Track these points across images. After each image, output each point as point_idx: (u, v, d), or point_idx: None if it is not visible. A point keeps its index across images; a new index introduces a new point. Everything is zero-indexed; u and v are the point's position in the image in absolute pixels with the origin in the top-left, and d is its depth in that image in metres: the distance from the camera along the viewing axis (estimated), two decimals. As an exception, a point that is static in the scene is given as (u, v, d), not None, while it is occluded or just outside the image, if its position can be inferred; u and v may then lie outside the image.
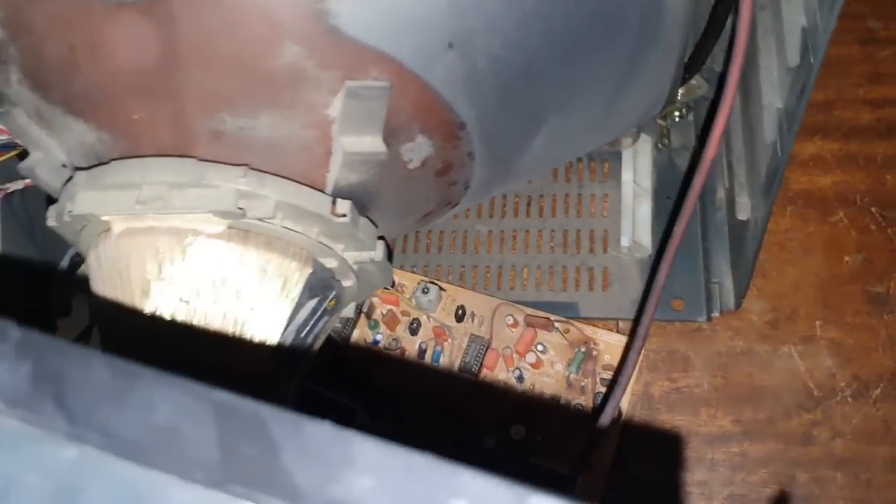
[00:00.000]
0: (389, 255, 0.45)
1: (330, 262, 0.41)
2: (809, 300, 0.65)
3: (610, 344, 0.63)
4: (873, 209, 0.68)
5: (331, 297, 0.42)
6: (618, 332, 0.64)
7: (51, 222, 0.42)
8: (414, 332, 0.65)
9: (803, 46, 0.41)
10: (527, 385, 0.62)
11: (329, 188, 0.40)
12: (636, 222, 0.67)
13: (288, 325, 0.40)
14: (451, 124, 0.41)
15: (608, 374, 0.62)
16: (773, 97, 0.46)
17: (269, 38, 0.36)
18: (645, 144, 0.69)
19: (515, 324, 0.64)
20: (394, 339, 0.65)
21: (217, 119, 0.38)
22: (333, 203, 0.39)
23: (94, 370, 0.20)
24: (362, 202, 0.41)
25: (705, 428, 0.63)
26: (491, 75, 0.40)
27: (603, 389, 0.61)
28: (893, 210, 0.68)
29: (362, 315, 0.65)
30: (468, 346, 0.64)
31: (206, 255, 0.38)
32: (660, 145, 0.70)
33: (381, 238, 0.43)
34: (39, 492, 0.19)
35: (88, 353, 0.21)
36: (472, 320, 0.65)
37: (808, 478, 0.60)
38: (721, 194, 0.66)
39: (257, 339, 0.39)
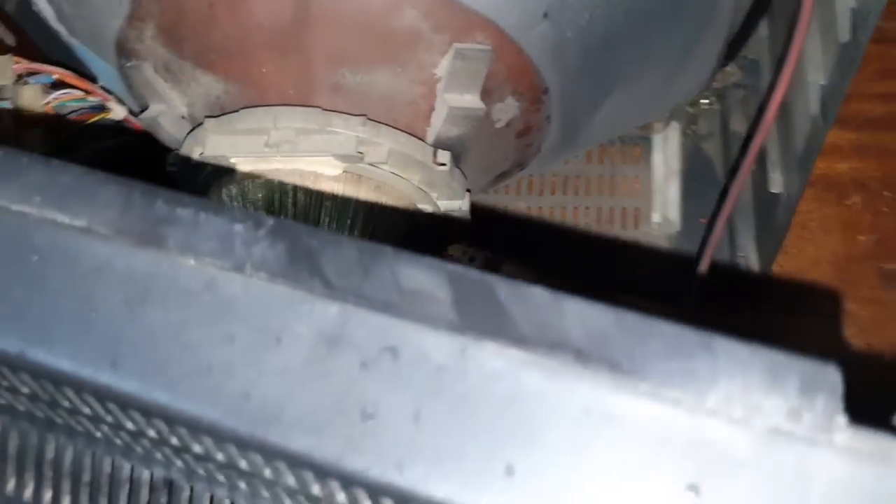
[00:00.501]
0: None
1: (427, 208, 0.45)
2: (827, 276, 0.70)
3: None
4: (885, 193, 0.73)
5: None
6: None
7: (170, 168, 0.46)
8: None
9: (853, 25, 0.45)
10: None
11: (430, 140, 0.44)
12: (666, 201, 0.72)
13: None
14: (538, 88, 0.46)
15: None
16: (816, 75, 0.51)
17: (391, 1, 0.41)
18: (674, 130, 0.74)
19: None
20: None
21: (339, 73, 0.42)
22: (436, 152, 0.44)
23: (343, 247, 0.24)
24: (457, 155, 0.45)
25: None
26: (576, 45, 0.45)
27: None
28: (903, 195, 0.73)
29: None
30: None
31: (324, 197, 0.42)
32: (688, 131, 0.75)
33: (467, 190, 0.48)
34: (307, 339, 0.23)
35: (336, 236, 0.24)
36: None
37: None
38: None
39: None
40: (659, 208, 0.72)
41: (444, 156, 0.44)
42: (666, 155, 0.74)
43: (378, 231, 0.43)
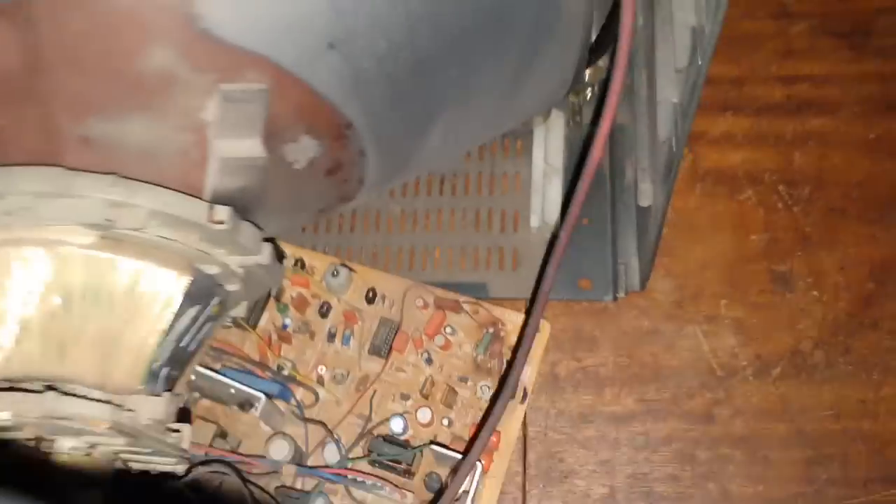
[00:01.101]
0: (279, 255, 0.44)
1: (211, 269, 0.40)
2: (715, 279, 0.66)
3: (517, 325, 0.63)
4: (780, 188, 0.69)
5: (213, 303, 0.41)
6: (526, 313, 0.64)
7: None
8: (324, 315, 0.65)
9: (693, 47, 0.40)
10: (435, 367, 0.62)
11: (208, 193, 0.39)
12: (545, 202, 0.67)
13: (166, 336, 0.39)
14: (338, 125, 0.40)
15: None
16: (669, 91, 0.46)
17: (136, 41, 0.35)
18: (557, 121, 0.69)
19: (425, 306, 0.64)
20: (303, 323, 0.64)
21: (85, 125, 0.36)
22: (211, 209, 0.38)
23: None
24: (244, 206, 0.40)
25: (610, 407, 0.64)
26: (378, 75, 0.40)
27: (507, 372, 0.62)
28: (799, 188, 0.69)
29: (271, 298, 0.64)
30: (378, 328, 0.64)
31: (76, 267, 0.37)
32: (572, 122, 0.69)
33: (268, 239, 0.43)
34: None
35: None
36: (383, 302, 0.65)
37: (708, 456, 0.62)
38: (630, 176, 0.66)
39: (133, 352, 0.38)
40: (537, 210, 0.67)
41: (222, 212, 0.38)
42: (547, 149, 0.68)
43: (142, 310, 0.38)
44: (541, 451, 0.64)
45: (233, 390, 0.59)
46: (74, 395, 0.39)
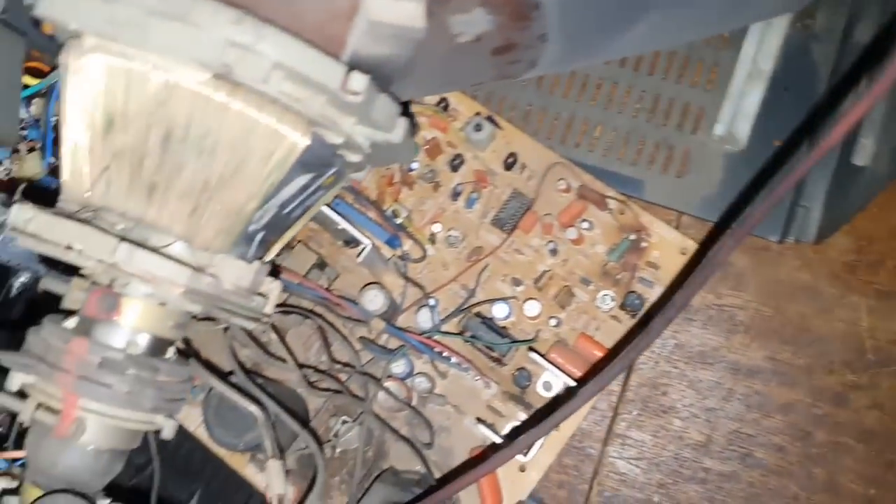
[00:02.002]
0: (413, 131, 0.37)
1: (334, 138, 0.34)
2: (905, 253, 0.56)
3: (664, 239, 0.56)
4: None
5: (329, 173, 0.35)
6: (678, 227, 0.57)
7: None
8: (455, 168, 0.59)
9: None
10: (558, 260, 0.56)
11: (347, 55, 0.32)
12: (739, 109, 0.57)
13: (269, 200, 0.34)
14: (523, 3, 0.32)
15: (649, 273, 0.55)
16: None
17: None
18: (781, 18, 0.57)
19: (567, 189, 0.57)
20: (431, 171, 0.59)
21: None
22: (347, 75, 0.31)
23: None
24: (387, 75, 0.33)
25: (735, 355, 0.57)
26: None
27: (637, 289, 0.55)
28: None
29: (405, 134, 0.58)
30: (508, 200, 0.58)
31: (182, 103, 0.31)
32: (800, 24, 0.58)
33: (405, 114, 0.36)
34: None
35: None
36: (522, 172, 0.58)
37: (825, 439, 0.56)
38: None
39: (228, 210, 0.33)
40: (726, 117, 0.57)
41: (359, 82, 0.31)
42: (760, 48, 0.57)
43: (246, 168, 0.33)
44: (646, 378, 0.58)
45: (340, 226, 0.55)
46: (151, 248, 0.35)
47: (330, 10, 0.31)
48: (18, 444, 0.44)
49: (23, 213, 0.36)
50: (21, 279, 0.61)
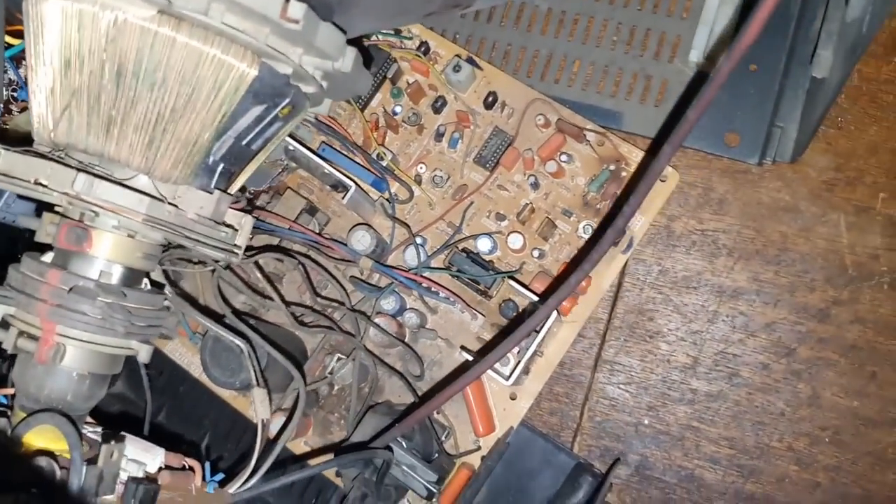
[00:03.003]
0: (366, 61, 0.39)
1: (282, 68, 0.36)
2: (881, 168, 0.57)
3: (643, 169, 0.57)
4: None
5: (283, 104, 0.37)
6: (650, 151, 0.58)
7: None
8: (437, 110, 0.60)
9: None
10: (540, 193, 0.58)
11: (287, -13, 0.34)
12: (713, 34, 0.58)
13: (225, 132, 0.36)
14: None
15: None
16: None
17: None
18: (752, -59, 0.57)
19: (546, 124, 0.58)
20: (414, 114, 0.60)
21: None
22: (286, 4, 0.33)
23: None
24: (327, 3, 0.35)
25: (719, 278, 0.59)
26: None
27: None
28: None
29: (386, 80, 0.60)
30: (490, 138, 0.60)
31: (131, 39, 0.33)
32: (770, -54, 0.58)
33: (353, 42, 0.38)
34: None
35: None
36: (502, 111, 0.60)
37: (809, 355, 0.57)
38: (816, 28, 0.55)
39: (184, 141, 0.35)
40: (701, 43, 0.58)
41: (297, 9, 0.33)
42: (733, -28, 0.58)
43: (197, 99, 0.35)
44: (632, 304, 0.60)
45: (326, 171, 0.57)
46: (114, 180, 0.38)
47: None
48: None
49: None
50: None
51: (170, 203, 0.39)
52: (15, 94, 0.51)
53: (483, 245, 0.58)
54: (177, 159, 0.38)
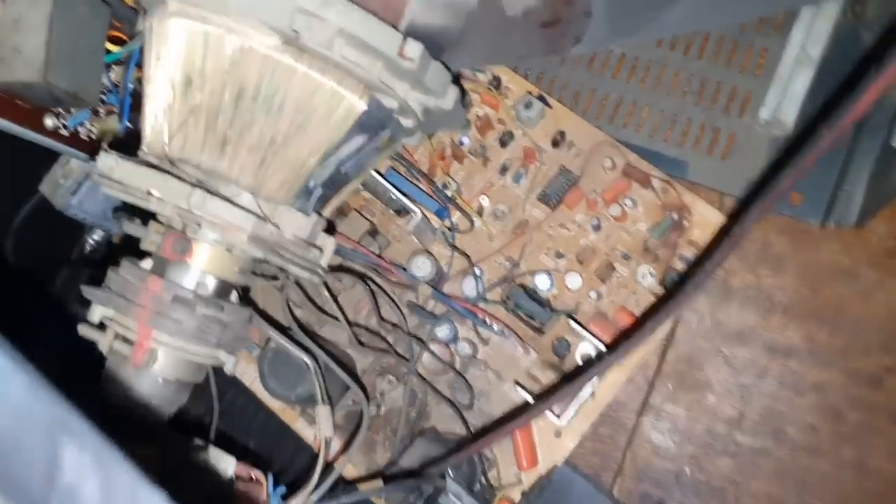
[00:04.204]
0: (464, 100, 0.40)
1: (389, 102, 0.37)
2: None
3: (705, 219, 0.58)
4: None
5: (383, 135, 0.39)
6: (720, 209, 0.59)
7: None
8: (504, 144, 0.62)
9: None
10: (601, 235, 0.59)
11: (405, 24, 0.35)
12: (786, 94, 0.59)
13: (329, 158, 0.37)
14: (566, -20, 0.35)
15: (690, 251, 0.58)
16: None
17: None
18: (831, 4, 0.58)
19: (613, 167, 0.59)
20: (481, 146, 0.62)
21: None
22: (404, 43, 0.34)
23: None
24: (439, 44, 0.36)
25: (772, 335, 0.59)
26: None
27: (677, 266, 0.57)
28: None
29: (457, 110, 0.61)
30: (555, 176, 0.60)
31: (253, 65, 0.35)
32: (850, 13, 0.59)
33: (456, 82, 0.39)
34: None
35: None
36: (569, 150, 0.61)
37: (858, 420, 0.57)
38: (894, 98, 0.56)
39: (291, 164, 0.37)
40: (773, 102, 0.59)
41: (414, 49, 0.35)
42: (809, 34, 0.59)
43: (309, 126, 0.36)
44: (683, 353, 0.60)
45: (393, 195, 0.58)
46: (223, 197, 0.39)
47: (390, -17, 0.34)
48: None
49: (108, 161, 0.40)
50: (94, 237, 0.66)
51: (272, 223, 0.40)
52: (104, 98, 0.52)
53: (541, 282, 0.59)
54: (283, 181, 0.39)
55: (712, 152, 0.61)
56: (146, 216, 0.43)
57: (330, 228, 0.47)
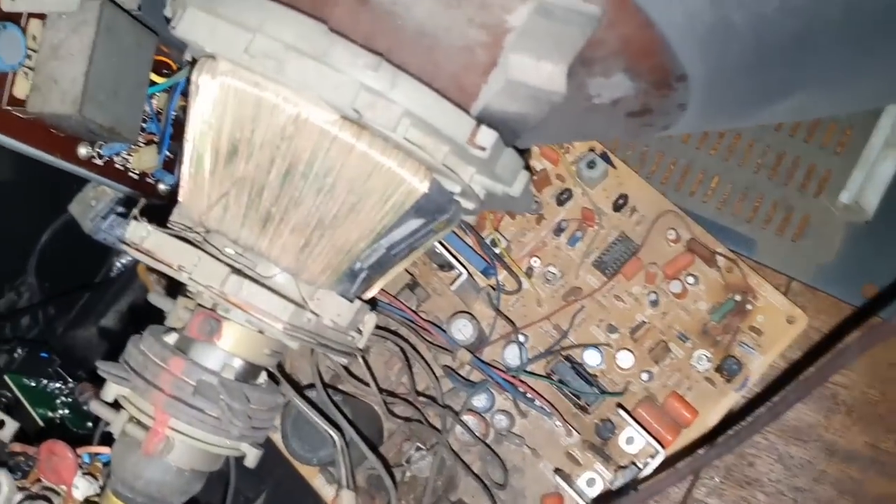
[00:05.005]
0: (531, 186, 0.36)
1: (452, 185, 0.34)
2: None
3: (771, 305, 0.54)
4: None
5: (441, 219, 0.35)
6: (787, 294, 0.55)
7: (166, 11, 0.35)
8: (561, 203, 0.58)
9: None
10: (658, 311, 0.55)
11: (477, 108, 0.32)
12: (870, 179, 0.55)
13: (379, 240, 0.34)
14: (668, 73, 0.32)
15: (751, 339, 0.54)
16: None
17: None
18: (930, 87, 0.54)
19: (676, 240, 0.55)
20: (535, 203, 0.57)
21: (371, -19, 0.29)
22: (476, 130, 0.31)
23: None
24: (513, 130, 0.32)
25: (833, 436, 0.55)
26: (748, 35, 0.30)
27: (737, 353, 0.53)
28: None
29: (514, 163, 0.58)
30: (614, 243, 0.57)
31: (308, 138, 0.31)
32: (948, 95, 0.54)
33: (526, 167, 0.35)
34: None
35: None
36: (631, 215, 0.57)
37: (920, 539, 0.53)
38: None
39: (338, 247, 0.33)
40: (854, 186, 0.54)
41: (487, 137, 0.31)
42: (901, 116, 0.54)
43: (362, 208, 0.32)
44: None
45: (437, 250, 0.54)
46: (260, 278, 0.36)
47: (468, 63, 0.31)
48: (102, 441, 0.45)
49: (139, 231, 0.37)
50: (122, 261, 0.63)
51: (311, 311, 0.37)
52: (143, 126, 0.49)
53: (591, 359, 0.55)
54: (327, 265, 0.36)
55: (783, 232, 0.57)
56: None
57: (371, 302, 0.43)
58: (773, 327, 0.54)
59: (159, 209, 0.39)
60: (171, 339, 0.40)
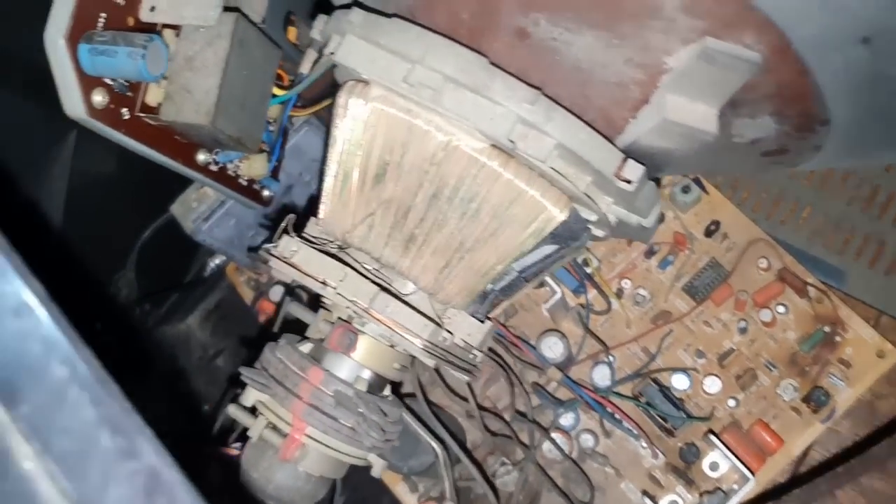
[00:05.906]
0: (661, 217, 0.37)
1: (588, 214, 0.34)
2: None
3: (860, 338, 0.55)
4: None
5: (574, 245, 0.36)
6: (877, 328, 0.55)
7: (314, 34, 0.36)
8: (653, 227, 0.58)
9: None
10: (746, 339, 0.55)
11: (625, 141, 0.32)
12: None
13: (514, 264, 0.35)
14: (814, 119, 0.32)
15: (840, 371, 0.54)
16: None
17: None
18: None
19: (767, 268, 0.56)
20: (639, 228, 0.58)
21: (531, 18, 0.30)
22: (623, 164, 0.32)
23: None
24: (657, 165, 0.33)
25: (917, 472, 0.55)
26: (896, 83, 0.30)
27: (825, 384, 0.54)
28: None
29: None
30: (704, 268, 0.57)
31: (457, 164, 0.32)
32: None
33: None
34: None
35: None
36: (722, 241, 0.57)
37: None
38: None
39: (475, 269, 0.34)
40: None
41: (634, 171, 0.32)
42: None
43: (502, 233, 0.33)
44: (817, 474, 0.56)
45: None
46: (401, 296, 0.37)
47: (620, 98, 0.32)
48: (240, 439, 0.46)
49: (290, 245, 0.38)
50: (216, 261, 0.65)
51: (446, 329, 0.38)
52: (258, 135, 0.51)
53: (679, 382, 0.55)
54: (463, 286, 0.37)
55: (874, 266, 0.57)
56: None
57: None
58: (861, 360, 0.54)
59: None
60: (306, 348, 0.42)
